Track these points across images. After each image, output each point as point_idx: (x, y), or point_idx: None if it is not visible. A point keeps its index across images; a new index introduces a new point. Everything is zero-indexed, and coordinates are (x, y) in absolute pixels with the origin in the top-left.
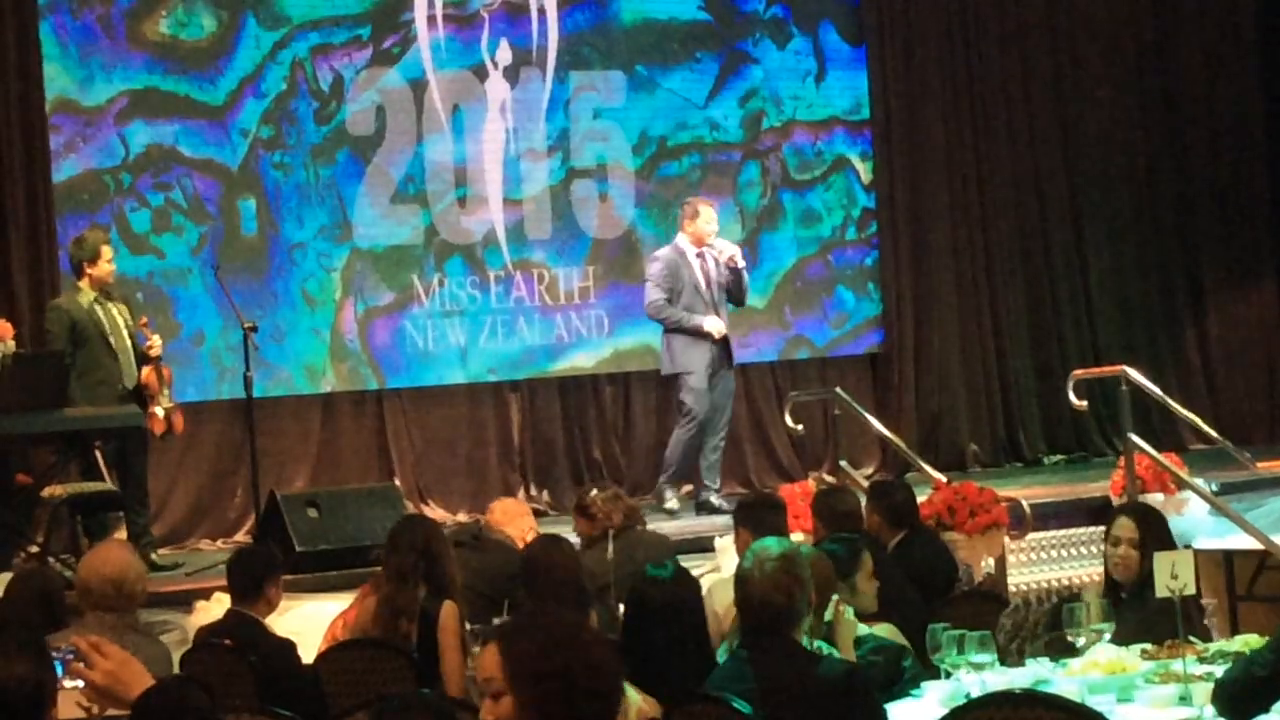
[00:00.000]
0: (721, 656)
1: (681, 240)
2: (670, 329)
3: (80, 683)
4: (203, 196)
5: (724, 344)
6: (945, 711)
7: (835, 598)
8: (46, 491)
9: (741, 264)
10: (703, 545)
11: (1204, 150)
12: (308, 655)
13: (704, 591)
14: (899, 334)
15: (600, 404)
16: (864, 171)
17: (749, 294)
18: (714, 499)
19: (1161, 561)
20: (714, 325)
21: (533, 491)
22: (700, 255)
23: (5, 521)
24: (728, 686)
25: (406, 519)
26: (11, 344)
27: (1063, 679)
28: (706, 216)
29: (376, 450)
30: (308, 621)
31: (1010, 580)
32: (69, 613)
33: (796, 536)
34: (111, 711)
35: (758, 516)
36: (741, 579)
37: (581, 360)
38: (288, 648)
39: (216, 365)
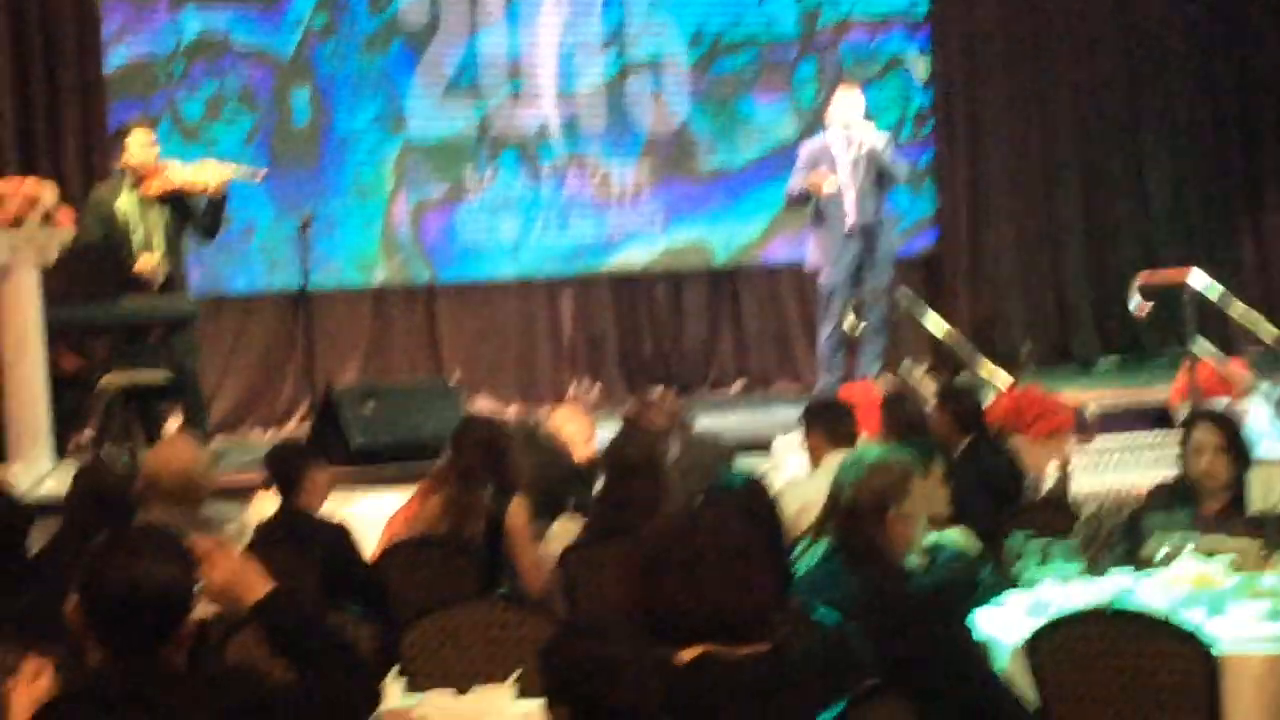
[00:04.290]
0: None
1: (831, 125)
2: (811, 222)
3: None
4: (255, 86)
5: (870, 237)
6: (1031, 622)
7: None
8: (104, 381)
9: (884, 155)
10: (760, 444)
11: (1266, 51)
12: (365, 552)
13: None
14: (954, 234)
15: (652, 301)
16: (921, 69)
17: (903, 176)
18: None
19: (1260, 475)
20: (815, 182)
21: (583, 387)
22: (849, 140)
23: (60, 410)
24: (817, 594)
25: (470, 418)
26: (70, 231)
27: (1148, 591)
28: (838, 100)
29: (426, 344)
30: (363, 518)
31: (1071, 487)
32: (134, 505)
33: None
34: None
35: (829, 419)
36: (839, 485)
37: (634, 257)
38: (342, 533)
39: (267, 258)
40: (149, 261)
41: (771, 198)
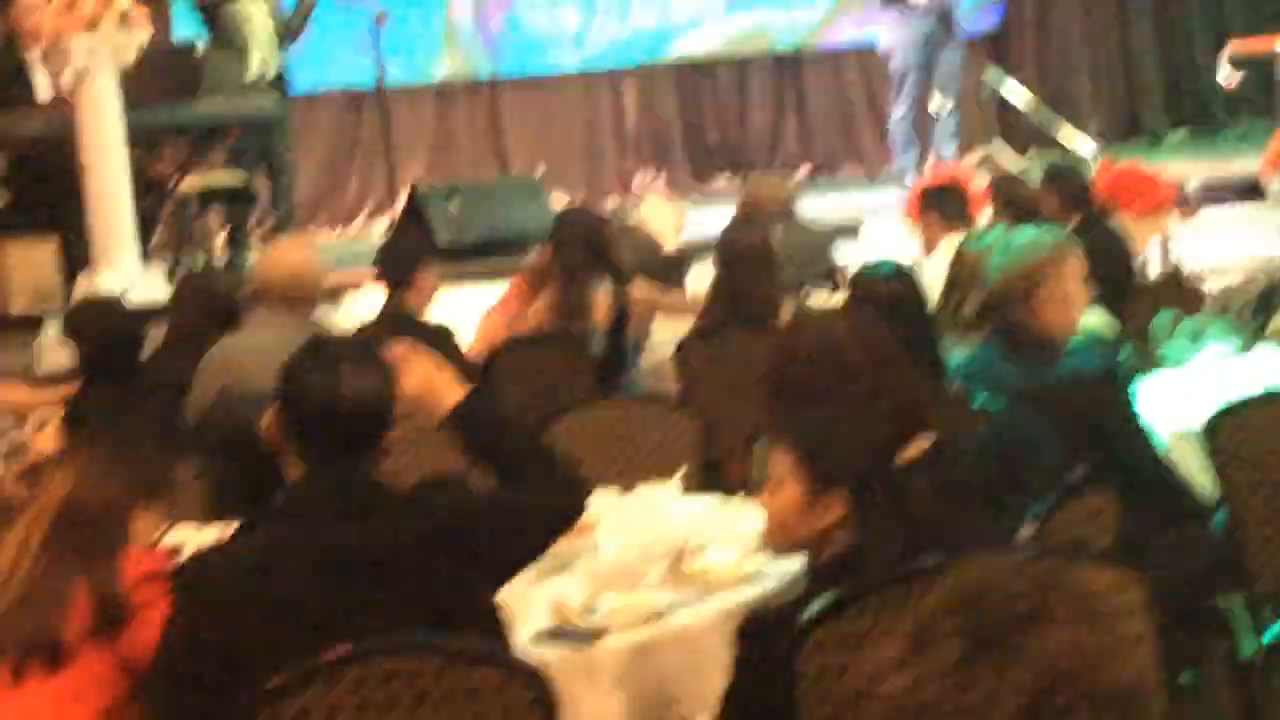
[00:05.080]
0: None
1: None
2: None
3: None
4: None
5: (943, 15)
6: (1188, 406)
7: None
8: (184, 185)
9: None
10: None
11: None
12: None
13: None
14: (1019, 12)
15: (716, 88)
16: None
17: None
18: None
19: None
20: None
21: (649, 176)
22: None
23: (141, 214)
24: (978, 381)
25: (566, 213)
26: (147, 31)
27: None
28: None
29: (491, 138)
30: (450, 316)
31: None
32: (242, 309)
33: None
34: None
35: (943, 202)
36: (975, 267)
37: (697, 43)
38: (447, 335)
39: (331, 53)
40: None
41: None
